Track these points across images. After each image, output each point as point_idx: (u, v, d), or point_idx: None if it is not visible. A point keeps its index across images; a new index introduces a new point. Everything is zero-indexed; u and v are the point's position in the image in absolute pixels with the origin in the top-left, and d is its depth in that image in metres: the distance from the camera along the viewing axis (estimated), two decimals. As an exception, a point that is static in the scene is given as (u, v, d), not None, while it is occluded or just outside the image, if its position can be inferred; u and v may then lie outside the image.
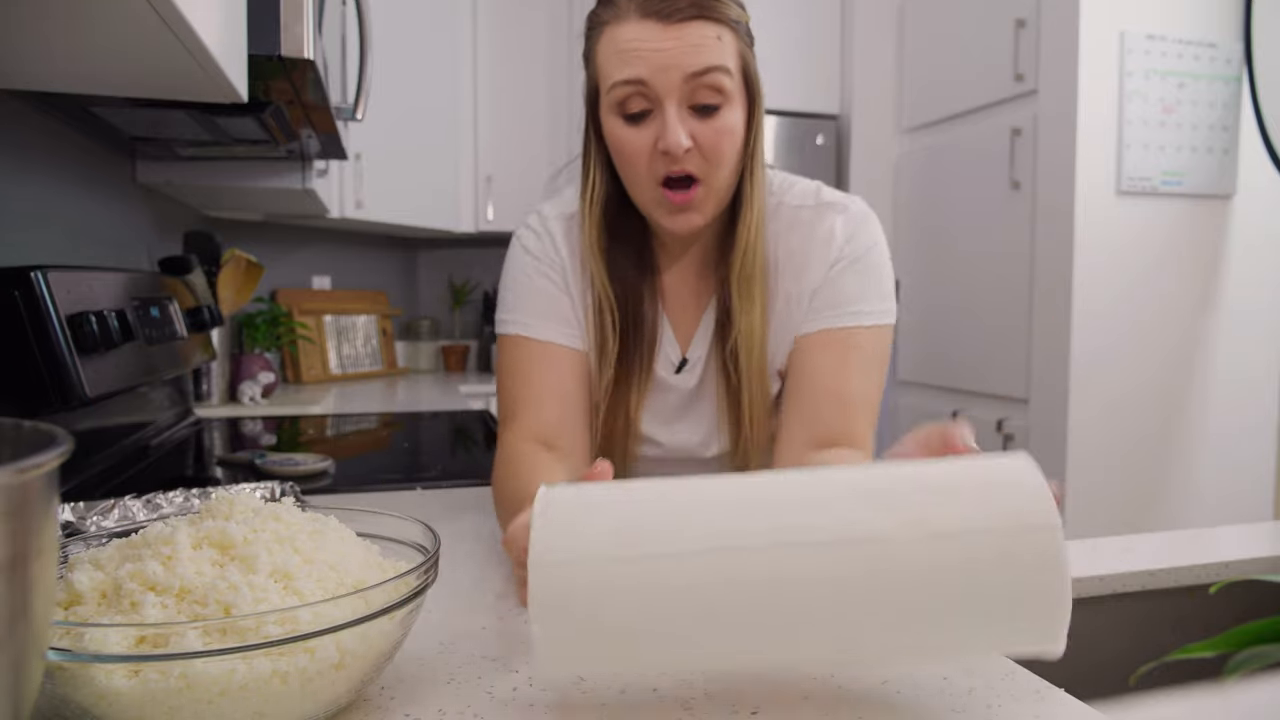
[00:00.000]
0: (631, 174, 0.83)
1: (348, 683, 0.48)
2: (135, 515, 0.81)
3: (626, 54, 0.78)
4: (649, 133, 0.80)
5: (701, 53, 0.77)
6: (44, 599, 0.30)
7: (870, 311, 0.86)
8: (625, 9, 0.79)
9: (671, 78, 0.77)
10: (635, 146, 0.81)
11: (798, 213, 0.89)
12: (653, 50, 0.77)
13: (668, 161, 0.80)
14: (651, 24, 0.77)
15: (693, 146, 0.79)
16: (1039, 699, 0.54)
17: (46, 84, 0.98)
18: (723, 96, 0.79)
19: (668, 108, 0.78)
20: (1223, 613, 0.98)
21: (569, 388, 0.89)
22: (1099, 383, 2.24)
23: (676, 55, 0.76)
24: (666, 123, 0.78)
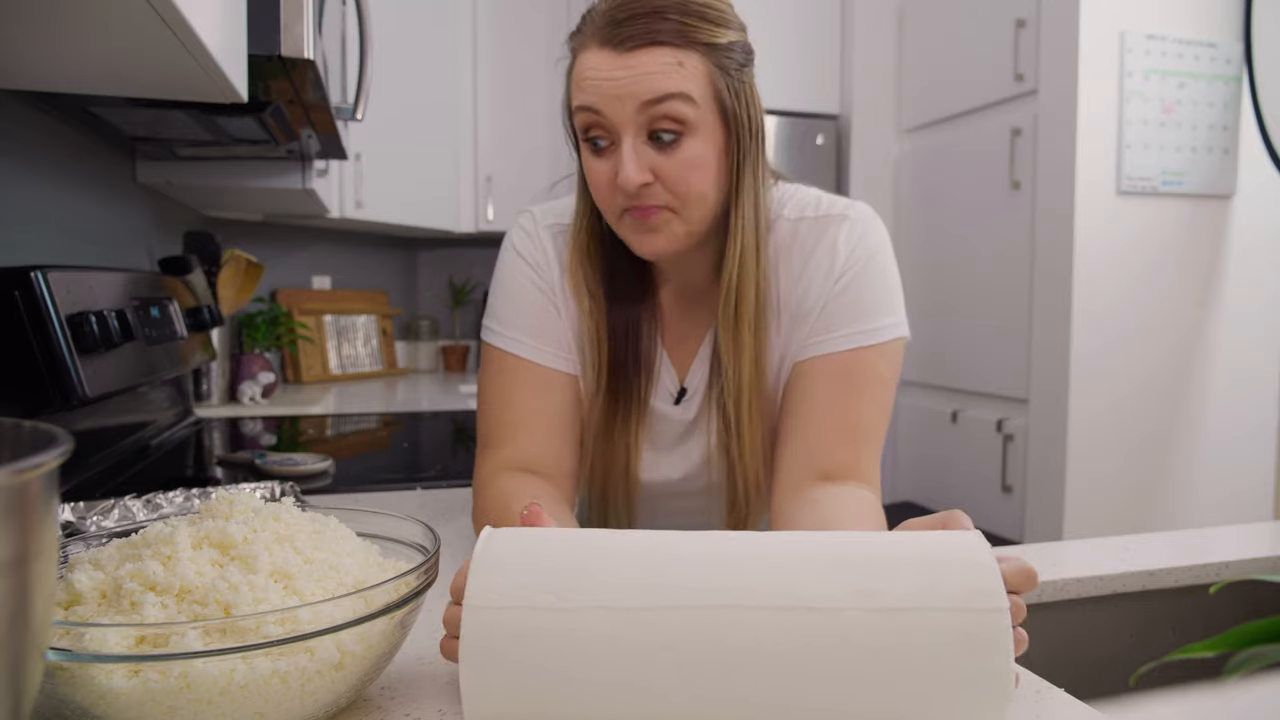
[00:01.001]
0: (600, 202, 0.79)
1: (348, 683, 0.48)
2: (135, 515, 0.81)
3: (583, 82, 0.75)
4: (610, 164, 0.76)
5: (654, 80, 0.72)
6: (44, 599, 0.30)
7: (877, 329, 0.80)
8: (589, 35, 0.75)
9: (625, 108, 0.73)
10: (598, 177, 0.77)
11: (796, 226, 0.84)
12: (605, 79, 0.73)
13: (627, 196, 0.75)
14: (607, 53, 0.73)
15: (653, 181, 0.74)
16: (1039, 699, 0.54)
17: (47, 84, 0.98)
18: (683, 126, 0.73)
19: (623, 140, 0.74)
20: (1223, 613, 0.98)
21: (556, 413, 0.84)
22: (1099, 383, 2.24)
23: (627, 84, 0.72)
24: (621, 158, 0.74)
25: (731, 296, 0.79)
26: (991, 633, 0.44)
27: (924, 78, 2.81)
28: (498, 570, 0.47)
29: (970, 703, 0.45)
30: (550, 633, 0.45)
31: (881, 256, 0.83)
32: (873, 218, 0.84)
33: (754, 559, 0.48)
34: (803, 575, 0.47)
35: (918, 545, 0.48)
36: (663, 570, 0.47)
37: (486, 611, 0.46)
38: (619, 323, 0.84)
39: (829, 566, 0.47)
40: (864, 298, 0.81)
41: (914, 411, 2.85)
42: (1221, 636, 0.56)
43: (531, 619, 0.46)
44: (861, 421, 0.79)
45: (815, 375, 0.81)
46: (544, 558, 0.48)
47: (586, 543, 0.50)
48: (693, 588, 0.46)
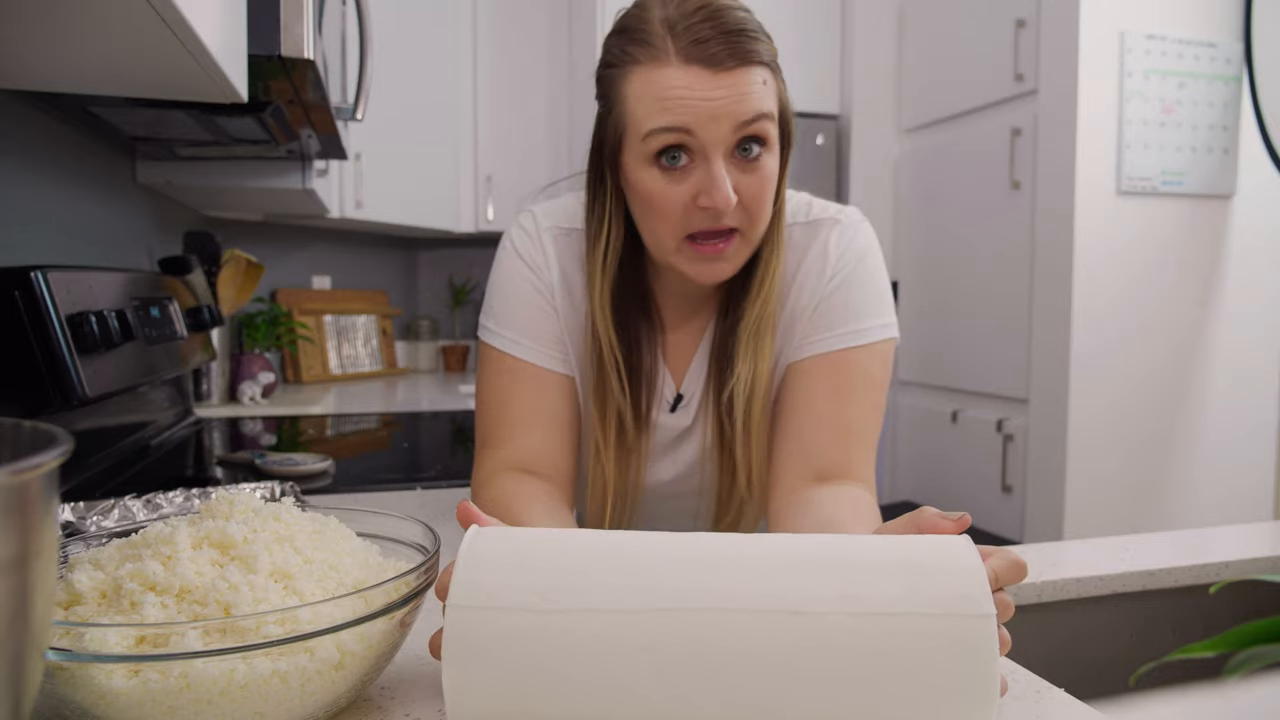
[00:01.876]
0: (659, 226, 0.76)
1: (348, 683, 0.48)
2: (135, 515, 0.81)
3: (669, 101, 0.71)
4: (688, 186, 0.73)
5: (750, 101, 0.71)
6: (44, 599, 0.30)
7: (868, 329, 0.81)
8: (663, 50, 0.72)
9: (722, 128, 0.71)
10: (671, 199, 0.74)
11: (789, 232, 0.84)
12: (701, 99, 0.70)
13: (708, 217, 0.74)
14: (698, 70, 0.70)
15: (737, 200, 0.74)
16: (1039, 699, 0.54)
17: (47, 84, 0.98)
18: (766, 144, 0.74)
19: (714, 161, 0.72)
20: (1223, 613, 0.98)
21: (554, 413, 0.84)
22: (1099, 383, 2.24)
23: (727, 105, 0.70)
24: (714, 177, 0.72)
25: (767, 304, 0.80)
26: (977, 638, 0.44)
27: (924, 78, 2.81)
28: (482, 569, 0.47)
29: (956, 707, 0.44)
30: (533, 633, 0.45)
31: (871, 259, 0.84)
32: (861, 221, 0.86)
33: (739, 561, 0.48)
34: (787, 578, 0.46)
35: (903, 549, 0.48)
36: (647, 571, 0.47)
37: (469, 611, 0.46)
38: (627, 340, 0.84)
39: (814, 569, 0.47)
40: (854, 299, 0.82)
41: (914, 411, 2.85)
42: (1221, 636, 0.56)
43: (514, 619, 0.46)
44: (854, 421, 0.80)
45: (808, 375, 0.82)
46: (529, 558, 0.48)
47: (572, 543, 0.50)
48: (676, 589, 0.46)
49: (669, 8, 0.73)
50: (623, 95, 0.75)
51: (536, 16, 2.96)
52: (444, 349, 3.20)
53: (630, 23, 0.75)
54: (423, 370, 3.16)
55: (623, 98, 0.75)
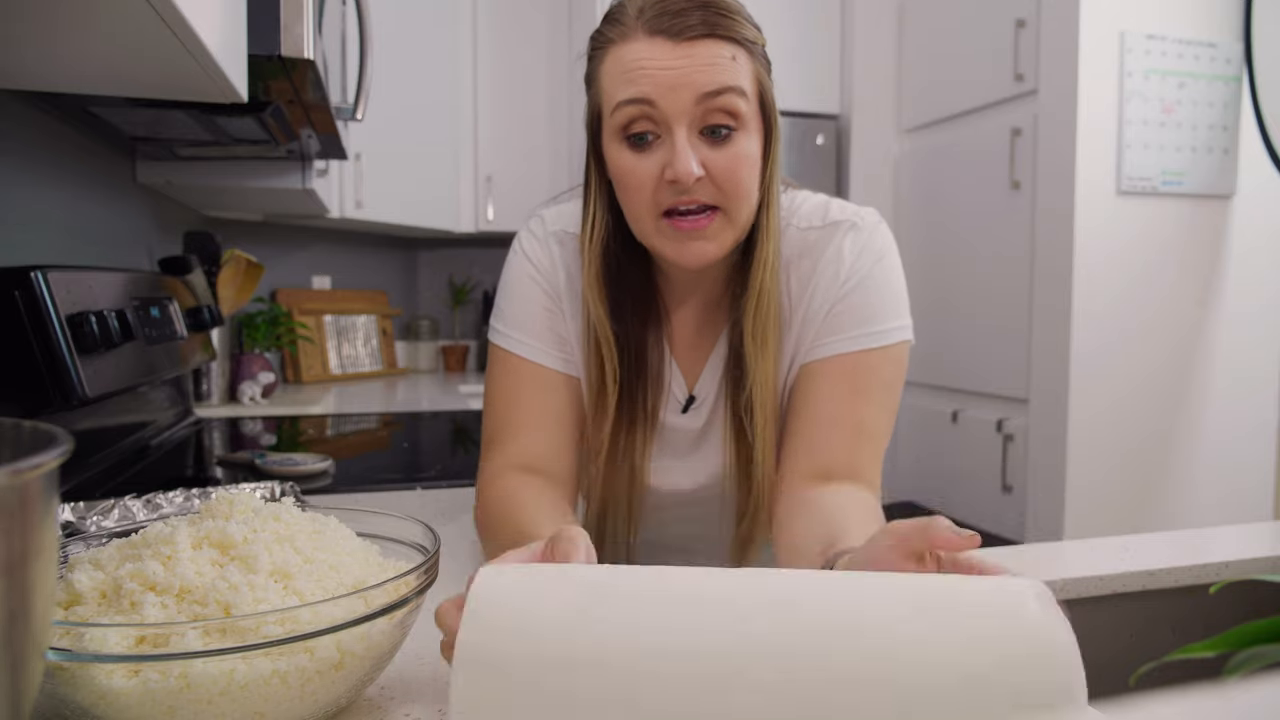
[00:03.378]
0: (634, 204, 0.76)
1: (347, 683, 0.48)
2: (135, 515, 0.81)
3: (632, 73, 0.72)
4: (655, 160, 0.73)
5: (714, 72, 0.71)
6: (44, 599, 0.30)
7: (883, 331, 0.80)
8: (632, 26, 0.72)
9: (682, 98, 0.71)
10: (640, 174, 0.74)
11: (806, 235, 0.83)
12: (661, 68, 0.70)
13: (675, 191, 0.73)
14: (661, 41, 0.71)
15: (704, 175, 0.73)
16: (1039, 699, 0.54)
17: (47, 84, 0.98)
18: (737, 121, 0.73)
19: (677, 132, 0.72)
20: (1223, 613, 0.98)
21: (561, 415, 0.84)
22: (1099, 383, 2.24)
23: (687, 74, 0.70)
24: (676, 148, 0.71)
25: (763, 301, 0.79)
26: None
27: (924, 78, 2.81)
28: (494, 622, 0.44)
29: None
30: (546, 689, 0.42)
31: (887, 261, 0.83)
32: (878, 223, 0.85)
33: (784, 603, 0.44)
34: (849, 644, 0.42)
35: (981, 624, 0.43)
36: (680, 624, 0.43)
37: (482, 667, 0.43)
38: (628, 334, 0.83)
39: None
40: (870, 301, 0.81)
41: (914, 411, 2.85)
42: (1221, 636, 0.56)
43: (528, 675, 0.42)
44: (865, 423, 0.79)
45: (820, 376, 0.81)
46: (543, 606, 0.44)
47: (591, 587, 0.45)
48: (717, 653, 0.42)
49: None
50: (598, 76, 0.77)
51: (536, 16, 2.96)
52: (444, 349, 3.20)
53: (611, 10, 0.77)
54: (423, 370, 3.16)
55: (597, 80, 0.77)
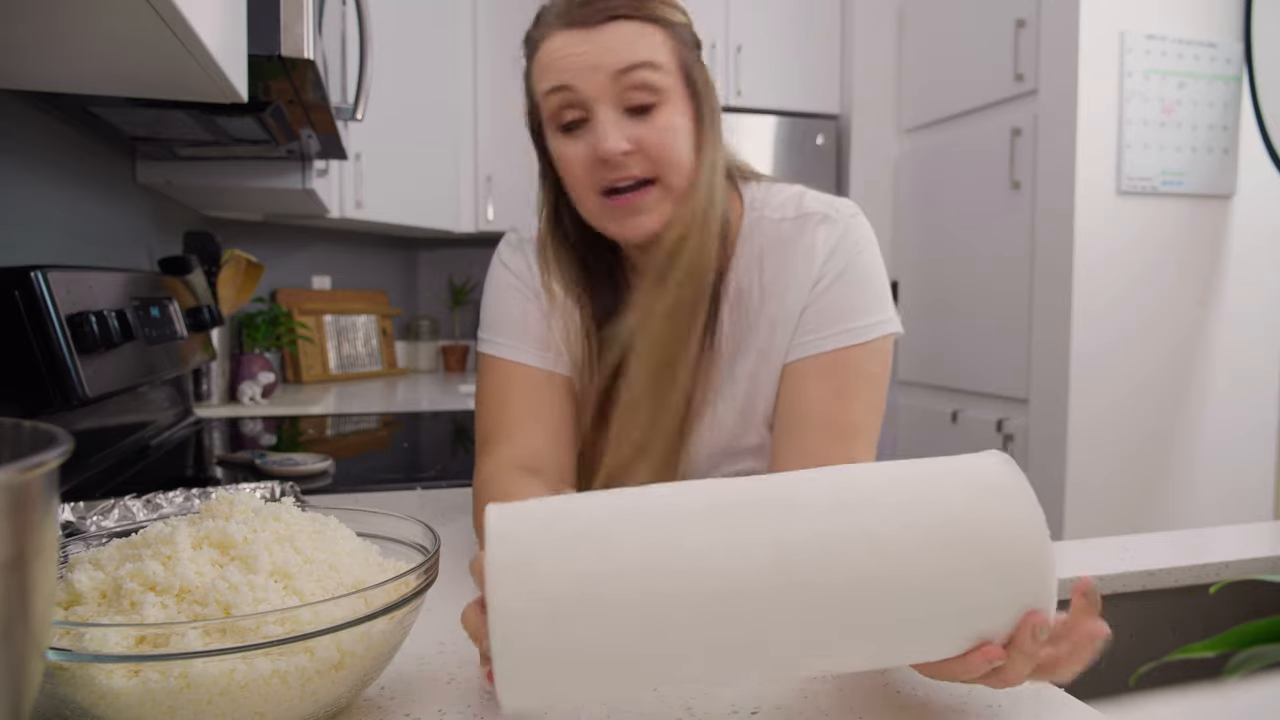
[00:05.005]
0: (576, 188, 0.80)
1: (348, 683, 0.48)
2: (135, 515, 0.81)
3: (550, 64, 0.77)
4: (586, 142, 0.77)
5: (623, 50, 0.75)
6: (44, 599, 0.30)
7: (864, 326, 0.80)
8: (550, 24, 0.78)
9: (596, 79, 0.75)
10: (574, 158, 0.78)
11: (779, 227, 0.83)
12: (574, 54, 0.76)
13: (607, 169, 0.76)
14: (573, 32, 0.76)
15: (634, 150, 0.76)
16: (1039, 699, 0.54)
17: (47, 84, 0.98)
18: (658, 94, 0.76)
19: (599, 112, 0.76)
20: (1223, 613, 0.98)
21: (549, 412, 0.85)
22: (1099, 383, 2.24)
23: (596, 55, 0.75)
24: (596, 125, 0.76)
25: (671, 249, 0.79)
26: None
27: (924, 78, 2.81)
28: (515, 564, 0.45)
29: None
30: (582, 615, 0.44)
31: (865, 254, 0.82)
32: (854, 214, 0.83)
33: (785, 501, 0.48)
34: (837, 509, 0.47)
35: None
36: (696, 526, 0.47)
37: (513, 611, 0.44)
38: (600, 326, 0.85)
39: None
40: (849, 296, 0.80)
41: (914, 411, 2.85)
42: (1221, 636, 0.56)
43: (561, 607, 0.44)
44: (853, 421, 0.79)
45: (804, 376, 0.81)
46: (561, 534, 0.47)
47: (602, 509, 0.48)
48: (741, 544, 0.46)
49: None
50: (529, 75, 0.82)
51: (536, 16, 2.96)
52: (444, 349, 3.20)
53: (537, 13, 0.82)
54: (423, 370, 3.16)
55: (529, 77, 0.82)
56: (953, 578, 0.45)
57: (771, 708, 0.52)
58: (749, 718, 0.51)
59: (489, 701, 0.53)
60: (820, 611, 0.45)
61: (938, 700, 0.54)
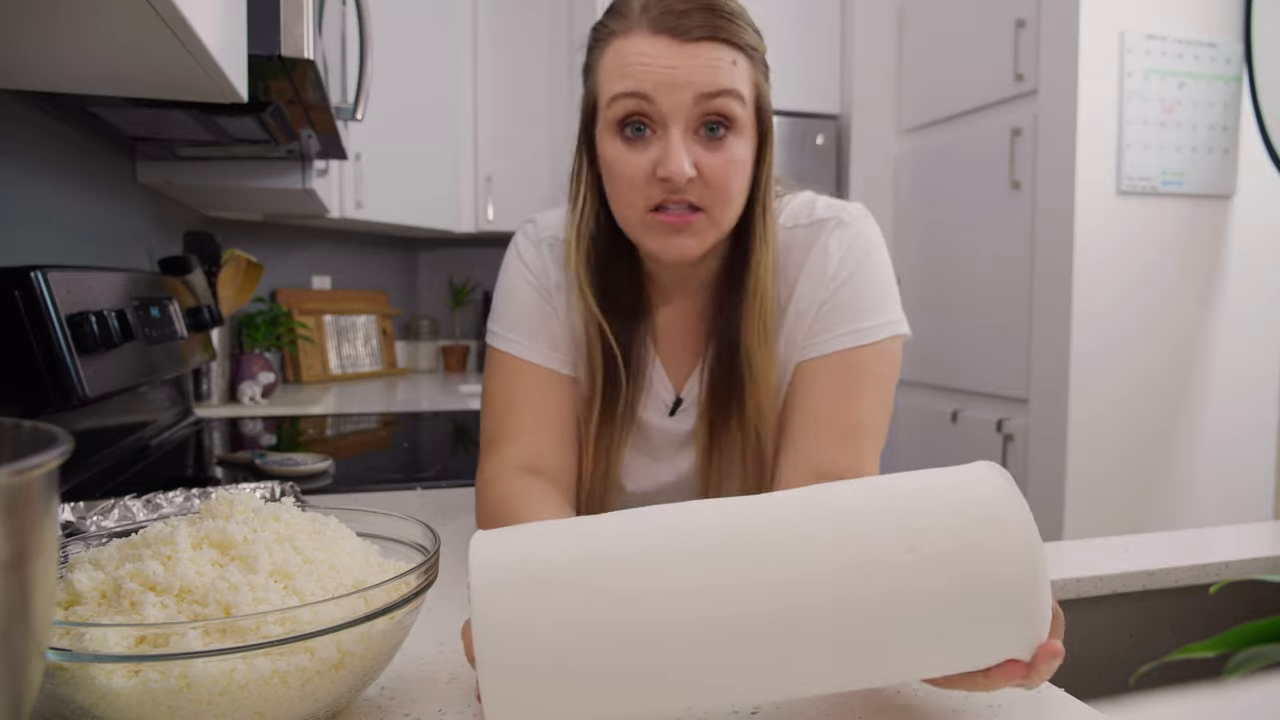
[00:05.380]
0: (623, 198, 0.77)
1: (348, 683, 0.48)
2: (135, 515, 0.81)
3: (632, 67, 0.72)
4: (648, 156, 0.74)
5: (715, 74, 0.72)
6: (44, 599, 0.30)
7: (873, 326, 0.80)
8: (635, 21, 0.73)
9: (680, 98, 0.71)
10: (631, 169, 0.74)
11: (792, 234, 0.84)
12: (663, 66, 0.71)
13: (666, 189, 0.74)
14: (664, 40, 0.71)
15: (696, 176, 0.73)
16: (1039, 699, 0.54)
17: (47, 84, 0.98)
18: (732, 124, 0.74)
19: (672, 130, 0.72)
20: (1223, 613, 0.98)
21: (558, 414, 0.85)
22: (1099, 383, 2.24)
23: (688, 74, 0.71)
24: (670, 147, 0.72)
25: (765, 305, 0.80)
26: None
27: (924, 78, 2.81)
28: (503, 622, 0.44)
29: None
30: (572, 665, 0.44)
31: (874, 256, 0.83)
32: (864, 218, 0.84)
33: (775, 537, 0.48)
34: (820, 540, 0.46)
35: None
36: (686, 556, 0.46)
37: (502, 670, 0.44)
38: (613, 328, 0.83)
39: None
40: (859, 298, 0.81)
41: (914, 411, 2.85)
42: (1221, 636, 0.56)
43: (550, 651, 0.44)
44: (860, 421, 0.79)
45: (813, 376, 0.81)
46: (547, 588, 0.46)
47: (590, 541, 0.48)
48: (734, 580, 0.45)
49: None
50: (596, 67, 0.77)
51: (536, 16, 2.96)
52: (444, 349, 3.20)
53: (615, 3, 0.77)
54: (423, 370, 3.15)
55: (595, 71, 0.77)
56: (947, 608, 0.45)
57: (771, 708, 0.52)
58: (749, 718, 0.51)
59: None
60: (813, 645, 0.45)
61: (937, 701, 0.54)
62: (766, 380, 0.81)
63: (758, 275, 0.80)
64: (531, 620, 0.44)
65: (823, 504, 0.49)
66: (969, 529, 0.46)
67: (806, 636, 0.45)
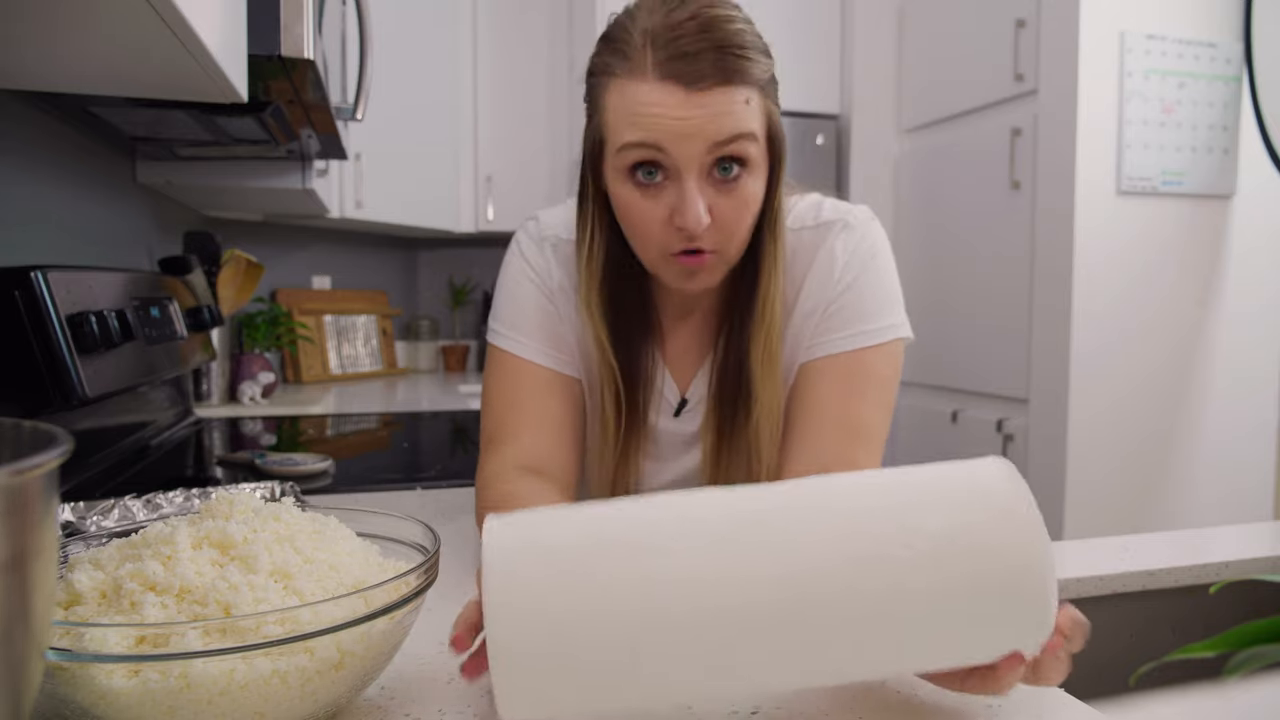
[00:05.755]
0: (639, 240, 0.77)
1: (348, 683, 0.48)
2: (135, 515, 0.81)
3: (642, 117, 0.70)
4: (663, 203, 0.73)
5: (727, 121, 0.70)
6: (44, 599, 0.30)
7: (878, 329, 0.80)
8: (640, 64, 0.70)
9: (694, 148, 0.70)
10: (646, 216, 0.74)
11: (799, 236, 0.84)
12: (674, 118, 0.69)
13: (683, 237, 0.73)
14: (673, 88, 0.69)
15: (710, 221, 0.72)
16: (1039, 699, 0.54)
17: (47, 84, 0.98)
18: (746, 165, 0.73)
19: (686, 180, 0.71)
20: (1223, 613, 0.98)
21: (559, 415, 0.84)
22: (1099, 383, 2.24)
23: (700, 124, 0.69)
24: (685, 198, 0.71)
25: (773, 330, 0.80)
26: None
27: (924, 78, 2.81)
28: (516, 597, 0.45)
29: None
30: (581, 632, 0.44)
31: (880, 259, 0.83)
32: (870, 220, 0.85)
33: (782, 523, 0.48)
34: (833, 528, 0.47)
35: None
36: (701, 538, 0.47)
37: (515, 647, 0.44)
38: (620, 338, 0.83)
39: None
40: (864, 299, 0.81)
41: (914, 411, 2.85)
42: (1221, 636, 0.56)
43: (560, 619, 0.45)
44: (864, 421, 0.79)
45: (816, 376, 0.81)
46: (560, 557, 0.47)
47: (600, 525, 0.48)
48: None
49: (655, 17, 0.71)
50: (602, 106, 0.75)
51: (536, 16, 2.96)
52: (444, 349, 3.20)
53: (614, 31, 0.74)
54: (423, 370, 3.16)
55: (601, 108, 0.75)
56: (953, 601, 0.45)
57: (772, 708, 0.52)
58: (749, 718, 0.51)
59: (490, 701, 0.53)
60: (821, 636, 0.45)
61: (938, 700, 0.54)
62: (771, 384, 0.81)
63: (768, 293, 0.80)
64: (544, 605, 0.44)
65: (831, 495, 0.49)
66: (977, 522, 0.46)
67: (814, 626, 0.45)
